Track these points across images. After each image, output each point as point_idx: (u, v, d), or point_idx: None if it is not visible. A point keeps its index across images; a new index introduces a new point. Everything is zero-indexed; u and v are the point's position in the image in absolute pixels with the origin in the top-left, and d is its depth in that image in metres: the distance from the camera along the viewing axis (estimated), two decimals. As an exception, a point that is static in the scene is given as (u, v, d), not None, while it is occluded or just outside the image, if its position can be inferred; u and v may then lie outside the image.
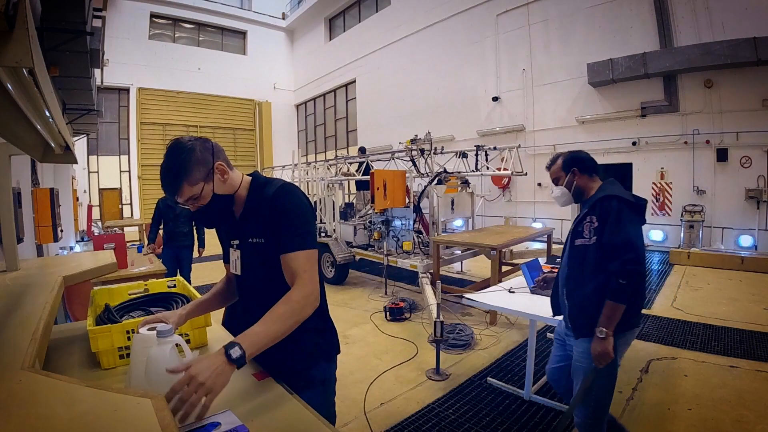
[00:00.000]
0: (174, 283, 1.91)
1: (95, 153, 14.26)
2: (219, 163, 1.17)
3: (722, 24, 6.97)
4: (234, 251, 1.30)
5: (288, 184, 1.22)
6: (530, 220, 9.91)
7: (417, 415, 2.53)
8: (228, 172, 1.20)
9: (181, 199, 1.14)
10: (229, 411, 0.99)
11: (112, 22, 13.19)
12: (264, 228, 1.19)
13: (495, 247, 4.20)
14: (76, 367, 1.28)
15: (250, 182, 1.26)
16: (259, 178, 1.27)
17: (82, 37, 3.08)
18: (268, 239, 1.18)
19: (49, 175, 6.21)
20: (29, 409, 0.72)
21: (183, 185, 1.11)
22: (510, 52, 10.22)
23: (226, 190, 1.20)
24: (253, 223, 1.22)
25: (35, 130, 1.71)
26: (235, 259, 1.29)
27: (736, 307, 4.42)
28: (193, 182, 1.12)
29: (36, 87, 1.14)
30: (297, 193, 1.20)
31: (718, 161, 7.26)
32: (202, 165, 1.13)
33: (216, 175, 1.16)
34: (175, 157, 1.11)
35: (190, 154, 1.11)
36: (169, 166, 1.11)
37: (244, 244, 1.26)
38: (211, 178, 1.15)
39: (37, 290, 1.52)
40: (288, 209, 1.16)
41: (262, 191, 1.21)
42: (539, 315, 2.38)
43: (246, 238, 1.25)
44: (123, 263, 3.44)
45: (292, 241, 1.14)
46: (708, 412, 2.42)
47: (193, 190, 1.13)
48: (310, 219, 1.19)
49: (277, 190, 1.18)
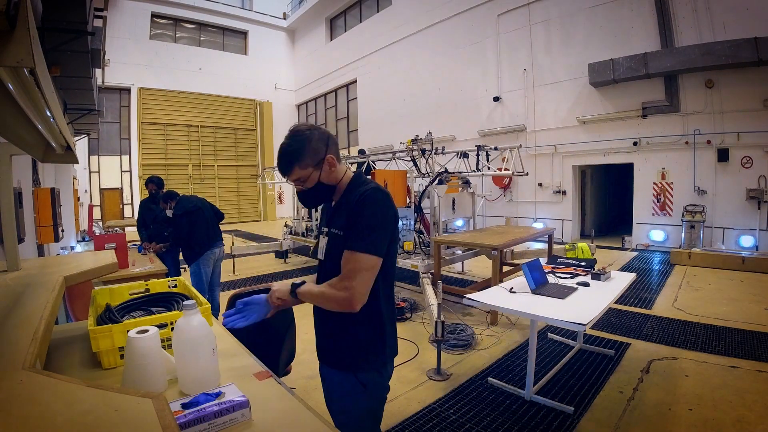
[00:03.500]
0: (175, 283, 1.91)
1: (96, 153, 14.28)
2: (330, 156, 1.28)
3: (723, 24, 6.97)
4: (323, 237, 1.40)
5: (378, 190, 1.27)
6: (531, 220, 9.91)
7: (418, 415, 2.53)
8: (336, 165, 1.30)
9: (290, 178, 1.28)
10: (233, 385, 1.04)
11: (113, 22, 13.21)
12: (346, 222, 1.25)
13: (496, 247, 4.19)
14: (76, 367, 1.27)
15: (351, 178, 1.36)
16: (360, 178, 1.37)
17: (83, 37, 3.08)
18: (347, 234, 1.24)
19: (50, 175, 6.22)
20: (30, 409, 0.71)
21: (294, 167, 1.25)
22: (511, 52, 10.21)
23: (330, 180, 1.32)
24: (339, 215, 1.31)
25: (36, 129, 1.72)
26: (322, 246, 1.39)
27: (737, 308, 4.41)
28: (303, 166, 1.25)
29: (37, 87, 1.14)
30: (382, 199, 1.24)
31: (719, 161, 7.25)
32: (315, 153, 1.26)
33: (324, 165, 1.28)
34: (294, 140, 1.25)
35: (306, 141, 1.24)
36: (286, 148, 1.25)
37: (330, 233, 1.35)
38: (320, 167, 1.27)
39: (37, 290, 1.52)
40: (366, 211, 1.21)
41: (357, 189, 1.29)
42: (540, 315, 2.38)
43: (332, 228, 1.34)
44: (124, 263, 3.42)
45: (354, 240, 1.20)
46: (709, 413, 2.42)
47: (301, 173, 1.26)
48: (382, 226, 1.22)
49: (366, 191, 1.25)
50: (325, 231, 1.40)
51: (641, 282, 5.66)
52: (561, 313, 2.32)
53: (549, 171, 9.64)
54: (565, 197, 9.49)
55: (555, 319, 2.29)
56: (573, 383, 2.83)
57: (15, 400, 0.74)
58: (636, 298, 4.90)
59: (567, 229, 9.48)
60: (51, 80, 1.95)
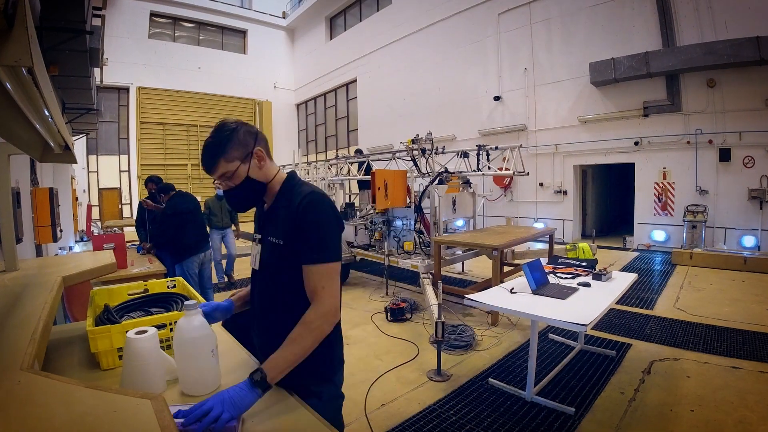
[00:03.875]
0: (174, 283, 1.90)
1: (95, 152, 14.21)
2: (258, 149, 1.20)
3: (725, 23, 6.94)
4: (256, 245, 1.31)
5: (317, 193, 1.19)
6: (532, 220, 9.89)
7: (418, 416, 2.53)
8: (266, 160, 1.23)
9: (215, 174, 1.18)
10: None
11: (112, 21, 13.11)
12: (285, 231, 1.18)
13: (496, 247, 4.17)
14: (75, 368, 1.27)
15: (284, 179, 1.27)
16: (294, 179, 1.28)
17: (81, 36, 3.06)
18: (288, 244, 1.17)
19: (48, 175, 6.21)
20: (28, 410, 0.71)
21: (220, 161, 1.16)
22: (512, 51, 10.19)
23: (260, 178, 1.22)
24: (275, 222, 1.22)
25: (34, 129, 1.71)
26: (255, 254, 1.30)
27: (739, 308, 4.39)
28: (230, 159, 1.16)
29: (35, 86, 1.14)
30: (325, 203, 1.18)
31: (721, 161, 7.22)
32: (242, 146, 1.18)
33: (253, 159, 1.20)
34: (218, 133, 1.17)
35: (233, 134, 1.16)
36: (210, 142, 1.17)
37: (264, 241, 1.27)
38: (248, 161, 1.18)
39: (36, 290, 1.52)
40: (313, 219, 1.14)
41: (292, 193, 1.21)
42: (541, 315, 2.37)
43: (267, 236, 1.25)
44: (122, 263, 3.42)
45: (314, 253, 1.13)
46: (711, 414, 2.41)
47: (228, 167, 1.17)
48: (335, 231, 1.18)
49: (305, 197, 1.16)
50: (258, 238, 1.30)
51: (642, 282, 5.65)
52: (562, 314, 2.31)
53: (550, 171, 9.62)
54: (566, 197, 9.47)
55: (556, 320, 2.29)
56: (574, 384, 2.82)
57: (13, 401, 0.74)
58: (637, 299, 4.89)
59: (568, 229, 9.46)
60: (49, 79, 1.94)
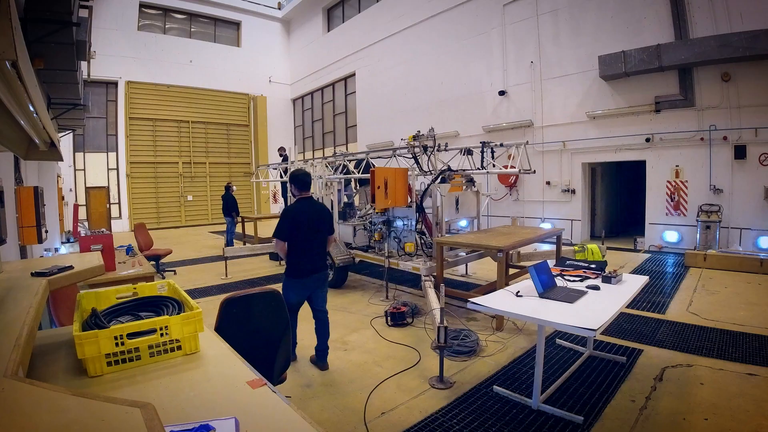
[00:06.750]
0: (164, 286, 1.86)
1: (82, 150, 14.00)
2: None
3: (740, 14, 6.78)
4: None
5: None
6: (539, 220, 9.77)
7: (420, 425, 2.48)
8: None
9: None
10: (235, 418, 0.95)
11: (100, 13, 12.83)
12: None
13: (501, 248, 4.12)
14: (61, 375, 1.26)
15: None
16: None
17: (68, 28, 3.02)
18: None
19: (33, 173, 6.24)
20: (12, 419, 0.70)
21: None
22: (517, 43, 10.02)
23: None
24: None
25: (18, 125, 1.70)
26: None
27: (755, 312, 4.30)
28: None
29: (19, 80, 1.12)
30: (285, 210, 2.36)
31: (736, 158, 7.07)
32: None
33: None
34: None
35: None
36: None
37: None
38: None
39: (20, 294, 1.51)
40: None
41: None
42: (548, 320, 2.33)
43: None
44: (111, 266, 3.38)
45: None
46: (725, 422, 2.37)
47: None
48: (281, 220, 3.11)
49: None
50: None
51: (654, 285, 5.57)
52: (570, 318, 2.29)
53: (557, 168, 9.47)
54: (574, 196, 9.31)
55: (564, 325, 2.26)
56: (582, 392, 2.78)
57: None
58: (649, 302, 4.81)
59: (576, 229, 9.33)
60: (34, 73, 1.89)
